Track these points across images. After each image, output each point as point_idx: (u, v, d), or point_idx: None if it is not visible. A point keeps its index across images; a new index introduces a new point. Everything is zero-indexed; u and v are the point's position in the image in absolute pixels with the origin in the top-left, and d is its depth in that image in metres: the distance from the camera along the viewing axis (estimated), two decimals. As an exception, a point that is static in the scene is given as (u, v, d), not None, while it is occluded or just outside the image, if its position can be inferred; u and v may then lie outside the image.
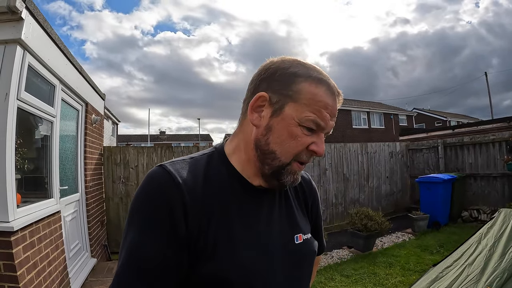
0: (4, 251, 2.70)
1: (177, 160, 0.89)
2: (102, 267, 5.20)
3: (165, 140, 56.27)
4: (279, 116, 0.85)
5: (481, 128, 11.90)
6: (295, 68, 0.87)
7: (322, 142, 0.86)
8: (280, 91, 0.85)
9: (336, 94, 0.87)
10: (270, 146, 0.86)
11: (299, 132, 0.83)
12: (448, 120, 39.79)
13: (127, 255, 0.77)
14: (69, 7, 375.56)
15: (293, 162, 0.86)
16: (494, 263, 2.89)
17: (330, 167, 8.26)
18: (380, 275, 4.87)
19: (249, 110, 0.89)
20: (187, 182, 0.81)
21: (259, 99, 0.87)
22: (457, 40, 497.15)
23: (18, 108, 2.96)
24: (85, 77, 5.06)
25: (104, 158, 6.55)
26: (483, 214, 7.82)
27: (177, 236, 0.77)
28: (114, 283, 0.76)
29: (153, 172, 0.84)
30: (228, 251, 0.80)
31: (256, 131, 0.89)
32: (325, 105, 0.84)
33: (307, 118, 0.82)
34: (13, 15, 2.80)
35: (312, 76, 0.85)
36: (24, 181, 3.44)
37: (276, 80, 0.87)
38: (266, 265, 0.86)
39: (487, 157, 8.16)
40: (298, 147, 0.84)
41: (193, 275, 0.79)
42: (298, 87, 0.84)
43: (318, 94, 0.83)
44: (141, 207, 0.80)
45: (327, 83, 0.86)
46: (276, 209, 0.97)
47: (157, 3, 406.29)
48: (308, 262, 1.00)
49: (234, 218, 0.85)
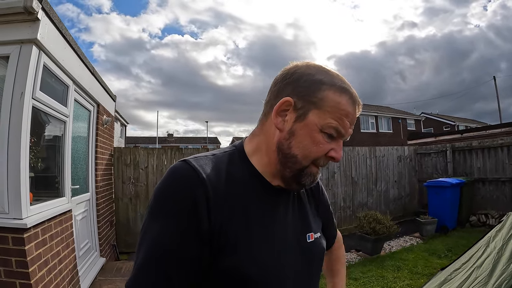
0: (17, 247, 2.74)
1: (200, 156, 0.90)
2: (111, 266, 5.23)
3: (172, 142, 56.39)
4: (302, 121, 0.86)
5: (489, 133, 11.85)
6: (320, 75, 0.88)
7: (340, 149, 0.89)
8: (305, 97, 0.87)
9: (357, 104, 0.90)
10: (292, 150, 0.87)
11: (321, 138, 0.86)
12: (457, 125, 39.45)
13: (149, 248, 0.77)
14: (77, 9, 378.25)
15: (311, 165, 0.89)
16: (502, 265, 2.88)
17: (338, 170, 8.25)
18: (388, 278, 4.85)
19: (273, 113, 0.90)
20: (211, 178, 0.82)
21: (284, 103, 0.88)
22: (465, 44, 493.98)
23: (33, 107, 3.01)
24: (97, 78, 5.12)
25: (114, 158, 6.60)
26: (491, 218, 7.73)
27: (200, 231, 0.77)
28: (134, 275, 0.77)
29: (177, 166, 0.84)
30: (247, 248, 0.82)
31: (279, 134, 0.90)
32: (347, 114, 0.86)
33: (330, 125, 0.85)
34: (30, 16, 2.85)
35: (337, 84, 0.87)
36: (37, 180, 3.47)
37: (301, 86, 0.88)
38: (281, 262, 0.88)
39: (495, 161, 8.08)
40: (318, 152, 0.87)
41: (213, 270, 0.80)
42: (323, 95, 0.85)
43: (341, 103, 0.85)
44: (165, 201, 0.80)
45: (350, 93, 0.88)
46: (291, 209, 0.99)
47: (165, 6, 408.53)
48: (318, 260, 1.03)
49: (253, 216, 0.86)
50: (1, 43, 2.91)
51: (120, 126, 31.56)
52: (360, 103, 0.91)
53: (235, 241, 0.81)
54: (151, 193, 4.55)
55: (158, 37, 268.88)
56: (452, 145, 9.17)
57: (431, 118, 41.26)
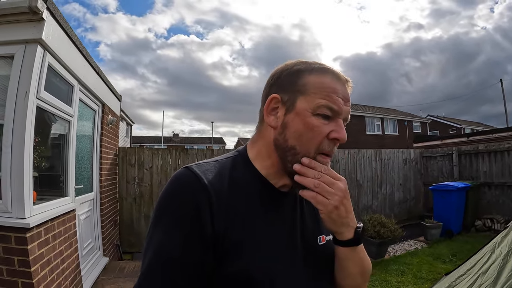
0: (19, 247, 2.75)
1: (203, 163, 0.90)
2: (114, 266, 5.23)
3: (178, 142, 56.54)
4: (292, 111, 0.87)
5: (496, 136, 11.73)
6: (298, 65, 0.91)
7: (341, 128, 0.86)
8: (289, 89, 0.88)
9: (343, 80, 0.89)
10: (289, 142, 0.86)
11: (315, 121, 0.84)
12: (463, 128, 39.27)
13: (153, 254, 0.78)
14: (83, 9, 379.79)
15: (317, 155, 0.86)
16: (507, 272, 2.84)
17: (344, 173, 8.20)
18: (392, 283, 4.82)
19: (264, 114, 0.92)
20: (213, 183, 0.83)
21: (272, 101, 0.90)
22: (472, 46, 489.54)
23: (37, 106, 3.02)
24: (103, 78, 5.14)
25: (119, 158, 6.61)
26: (497, 223, 7.66)
27: (204, 236, 0.78)
28: (139, 281, 0.78)
29: (179, 173, 0.85)
30: (252, 252, 0.81)
31: (274, 132, 0.91)
32: (334, 90, 0.85)
33: (319, 104, 0.83)
34: (34, 15, 2.86)
35: (315, 68, 0.89)
36: (41, 179, 3.48)
37: (283, 80, 0.91)
38: (288, 266, 0.86)
39: (502, 165, 8.02)
40: (317, 137, 0.84)
41: (218, 275, 0.80)
42: (305, 81, 0.87)
43: (325, 82, 0.86)
44: (168, 207, 0.81)
45: (331, 71, 0.88)
46: (299, 212, 0.97)
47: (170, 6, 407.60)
48: (330, 263, 0.99)
49: (258, 220, 0.86)
50: (6, 42, 2.92)
51: (126, 126, 31.68)
52: (347, 79, 0.91)
53: (239, 246, 0.81)
54: (155, 193, 4.56)
55: (164, 37, 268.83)
56: (458, 149, 9.12)
57: (437, 120, 41.06)
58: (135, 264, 5.37)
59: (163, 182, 6.66)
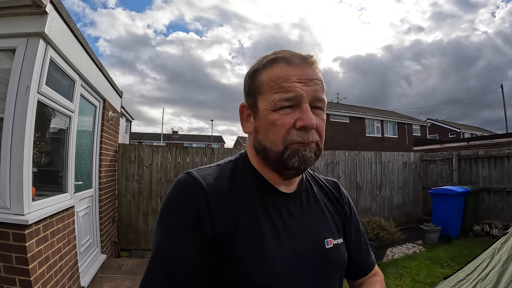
0: (17, 244, 2.72)
1: (204, 168, 0.93)
2: (112, 263, 5.21)
3: (177, 139, 56.60)
4: (257, 114, 0.90)
5: (496, 142, 11.74)
6: (254, 67, 0.93)
7: (306, 114, 0.83)
8: (250, 94, 0.92)
9: (298, 61, 0.87)
10: (262, 144, 0.89)
11: (275, 116, 0.84)
12: (462, 132, 39.43)
13: (154, 256, 0.81)
14: (83, 4, 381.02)
15: (289, 146, 0.84)
16: (507, 278, 2.85)
17: (343, 174, 8.25)
18: (390, 286, 4.81)
19: (241, 123, 0.97)
20: (212, 187, 0.84)
21: (243, 109, 0.96)
22: (473, 50, 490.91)
23: (38, 101, 2.98)
24: (104, 74, 5.11)
25: (119, 155, 6.59)
26: (495, 228, 7.67)
27: (204, 239, 0.79)
28: (142, 283, 0.80)
29: (180, 178, 0.88)
30: (254, 255, 0.81)
31: (250, 138, 0.96)
32: (284, 78, 0.84)
33: (274, 100, 0.84)
34: (37, 9, 2.82)
35: (265, 63, 0.90)
36: (40, 175, 3.45)
37: (245, 88, 0.96)
38: (291, 268, 0.85)
39: (501, 171, 8.04)
40: (280, 130, 0.84)
41: (220, 278, 0.80)
42: (259, 81, 0.89)
43: (274, 74, 0.86)
44: (169, 211, 0.84)
45: (281, 58, 0.88)
46: (304, 213, 0.96)
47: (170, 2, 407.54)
48: (337, 269, 0.98)
49: (260, 222, 0.86)
50: (8, 35, 2.88)
51: (126, 122, 31.69)
52: (307, 56, 0.89)
53: (241, 249, 0.81)
54: (155, 191, 4.56)
55: (163, 33, 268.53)
56: (458, 153, 9.12)
57: (436, 124, 41.19)
58: (133, 261, 5.34)
59: (163, 179, 6.67)
